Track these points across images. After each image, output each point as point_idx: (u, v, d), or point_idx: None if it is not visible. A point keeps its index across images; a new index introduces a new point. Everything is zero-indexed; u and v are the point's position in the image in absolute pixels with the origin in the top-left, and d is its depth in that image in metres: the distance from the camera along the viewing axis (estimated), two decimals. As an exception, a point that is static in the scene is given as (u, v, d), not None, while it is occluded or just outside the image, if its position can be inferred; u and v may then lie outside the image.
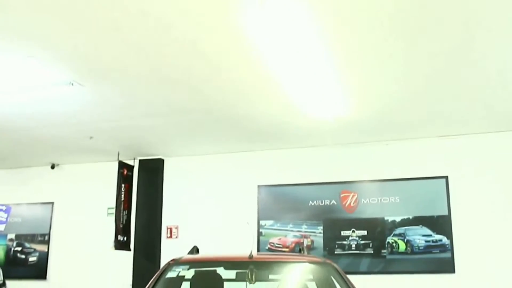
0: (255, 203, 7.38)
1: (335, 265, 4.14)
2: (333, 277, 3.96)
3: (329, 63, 4.57)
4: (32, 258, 8.38)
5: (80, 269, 7.97)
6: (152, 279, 3.82)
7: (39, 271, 8.25)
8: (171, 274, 4.00)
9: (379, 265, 6.86)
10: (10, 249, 8.51)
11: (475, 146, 6.83)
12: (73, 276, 7.98)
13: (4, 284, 6.75)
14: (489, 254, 6.56)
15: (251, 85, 5.10)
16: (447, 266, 6.67)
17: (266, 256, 5.86)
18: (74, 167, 8.42)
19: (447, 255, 6.69)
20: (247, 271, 3.83)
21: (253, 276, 3.79)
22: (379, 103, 5.68)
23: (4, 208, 6.64)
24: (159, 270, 4.01)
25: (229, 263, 4.28)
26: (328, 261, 4.33)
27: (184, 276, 4.22)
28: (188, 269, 4.23)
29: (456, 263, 6.65)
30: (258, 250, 7.05)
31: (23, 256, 8.44)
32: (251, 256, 3.98)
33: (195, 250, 4.64)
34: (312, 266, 4.18)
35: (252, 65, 4.59)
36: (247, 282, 3.96)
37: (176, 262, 4.09)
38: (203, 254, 4.80)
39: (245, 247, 4.15)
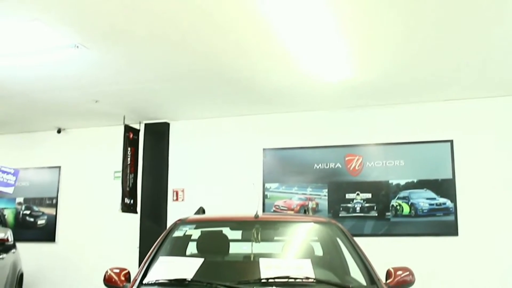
0: (261, 166, 7.43)
1: (340, 225, 4.18)
2: (338, 236, 4.02)
3: (333, 25, 4.54)
4: (41, 221, 8.50)
5: (88, 232, 8.09)
6: (160, 238, 3.88)
7: (48, 233, 8.39)
8: (178, 233, 4.05)
9: (383, 227, 6.94)
10: (19, 212, 8.63)
11: (481, 110, 6.82)
12: (81, 239, 8.11)
13: (14, 246, 6.85)
14: (492, 217, 6.62)
15: (256, 48, 5.09)
16: (450, 228, 6.74)
17: (271, 216, 5.92)
18: (80, 131, 8.47)
19: (451, 218, 6.75)
20: (252, 230, 3.89)
21: (259, 235, 3.85)
22: (383, 65, 5.66)
23: (12, 171, 6.68)
24: (166, 230, 4.07)
25: (234, 223, 4.33)
26: (333, 221, 4.38)
27: (191, 235, 4.29)
28: (194, 228, 4.29)
29: (460, 226, 6.71)
30: (264, 212, 7.12)
31: (32, 219, 8.56)
32: (256, 216, 4.03)
33: (201, 210, 4.70)
34: (317, 226, 4.23)
35: (257, 28, 4.57)
36: (253, 242, 4.03)
37: (182, 222, 4.15)
38: (209, 214, 4.86)
39: (250, 209, 4.20)
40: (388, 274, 3.61)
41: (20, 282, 7.16)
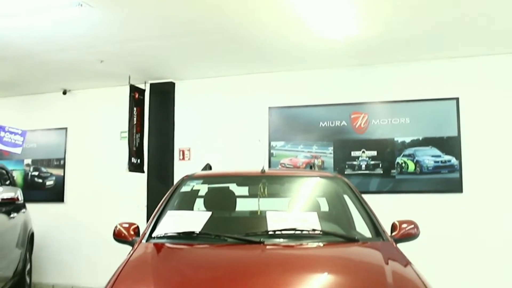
0: (266, 125, 7.44)
1: (345, 179, 4.23)
2: (344, 191, 4.07)
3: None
4: (49, 182, 8.59)
5: (96, 191, 8.18)
6: (167, 193, 3.94)
7: (57, 194, 8.48)
8: (185, 188, 4.12)
9: (388, 184, 6.99)
10: (28, 174, 8.71)
11: (487, 68, 6.77)
12: (90, 198, 8.21)
13: (24, 206, 6.95)
14: (497, 175, 6.65)
15: (263, 5, 5.04)
16: (455, 186, 6.78)
17: (278, 171, 5.97)
18: (86, 92, 8.47)
19: (456, 175, 6.79)
20: (259, 185, 3.94)
21: (265, 190, 3.90)
22: (388, 21, 5.58)
23: (20, 132, 6.73)
24: (174, 185, 4.14)
25: (241, 178, 4.39)
26: (338, 175, 4.43)
27: (198, 190, 4.35)
28: (202, 183, 4.35)
29: (464, 183, 6.75)
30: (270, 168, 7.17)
31: (40, 180, 8.64)
32: (263, 171, 4.08)
33: (208, 167, 4.75)
34: (323, 180, 4.28)
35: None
36: (259, 198, 4.09)
37: (190, 177, 4.21)
38: (216, 170, 4.91)
39: (256, 166, 4.24)
40: (393, 227, 3.67)
41: (31, 241, 7.28)
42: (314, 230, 3.28)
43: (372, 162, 7.04)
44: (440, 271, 5.50)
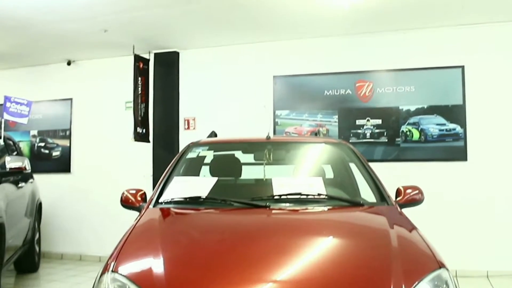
0: (271, 94, 7.44)
1: (350, 145, 4.26)
2: (349, 156, 4.09)
3: None
4: (56, 153, 8.64)
5: (102, 162, 8.24)
6: (173, 160, 3.98)
7: (63, 164, 8.54)
8: (191, 155, 4.15)
9: (393, 153, 7.01)
10: (34, 145, 8.77)
11: (493, 36, 6.72)
12: (96, 168, 8.27)
13: (31, 176, 7.01)
14: (501, 143, 6.66)
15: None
16: (459, 154, 6.80)
17: (282, 137, 6.01)
18: (90, 63, 8.46)
19: (460, 143, 6.80)
20: (264, 151, 3.97)
21: (271, 156, 3.94)
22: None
23: (25, 102, 6.76)
24: (180, 152, 4.17)
25: (247, 144, 4.41)
26: (343, 142, 4.45)
27: (204, 156, 4.38)
28: (207, 150, 4.38)
29: (469, 151, 6.77)
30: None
31: (46, 151, 8.70)
32: (268, 137, 4.11)
33: (213, 134, 4.77)
34: (328, 146, 4.30)
35: None
36: (264, 164, 4.12)
37: (195, 144, 4.24)
38: (221, 137, 4.93)
39: (261, 135, 4.26)
40: (398, 192, 3.70)
41: (39, 211, 7.37)
42: (319, 194, 3.33)
43: (377, 131, 7.06)
44: (443, 237, 5.55)
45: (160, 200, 3.43)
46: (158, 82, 7.83)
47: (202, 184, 3.46)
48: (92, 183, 8.25)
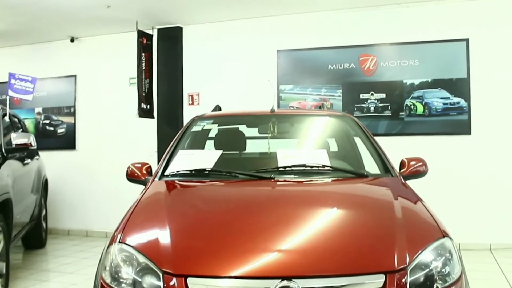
0: (275, 68, 7.42)
1: (354, 118, 4.26)
2: (353, 129, 4.10)
3: None
4: (61, 130, 8.67)
5: (107, 138, 8.27)
6: (178, 133, 4.00)
7: (68, 141, 8.58)
8: (196, 128, 4.17)
9: (397, 127, 7.01)
10: (39, 122, 8.80)
11: (498, 8, 6.67)
12: (101, 145, 8.31)
13: (37, 153, 7.04)
14: (505, 117, 6.66)
15: None
16: (463, 128, 6.80)
17: (287, 110, 6.01)
18: (93, 39, 8.44)
19: (464, 117, 6.79)
20: (269, 124, 3.99)
21: (275, 129, 3.95)
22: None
23: (30, 78, 6.75)
24: (184, 125, 4.19)
25: (251, 117, 4.42)
26: (347, 114, 4.46)
27: (209, 129, 4.40)
28: (212, 123, 4.39)
29: (473, 125, 6.77)
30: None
31: (51, 128, 8.73)
32: (272, 110, 4.12)
33: (217, 108, 4.78)
34: (332, 119, 4.31)
35: None
36: (269, 137, 4.13)
37: (200, 118, 4.26)
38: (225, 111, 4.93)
39: (266, 109, 4.26)
40: (402, 164, 3.72)
41: (46, 188, 7.43)
42: (323, 166, 3.35)
43: (381, 105, 7.05)
44: (447, 210, 5.58)
45: (165, 173, 3.45)
46: (161, 58, 7.81)
47: (207, 156, 3.48)
48: (97, 159, 8.30)
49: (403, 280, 2.25)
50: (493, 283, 5.17)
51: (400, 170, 3.66)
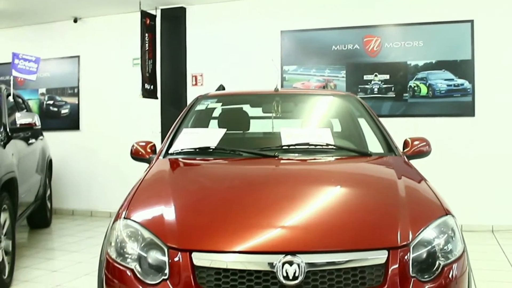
0: (279, 49, 7.40)
1: (358, 97, 4.27)
2: (357, 108, 4.10)
3: None
4: (64, 111, 8.69)
5: (111, 118, 8.29)
6: (182, 112, 4.00)
7: (72, 122, 8.60)
8: (200, 107, 4.18)
9: (400, 108, 7.00)
10: (43, 103, 8.81)
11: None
12: (104, 125, 8.33)
13: (41, 133, 7.06)
14: (509, 98, 6.65)
15: None
16: (467, 109, 6.79)
17: (291, 89, 6.01)
18: (96, 20, 8.41)
19: (468, 99, 6.78)
20: (273, 103, 3.99)
21: (279, 108, 3.95)
22: None
23: (33, 58, 6.75)
24: (188, 105, 4.20)
25: (255, 96, 4.43)
26: (351, 94, 4.46)
27: (213, 108, 4.40)
28: (216, 102, 4.40)
29: (477, 107, 6.76)
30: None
31: (55, 109, 8.74)
32: (276, 89, 4.12)
33: (221, 87, 4.78)
34: (336, 98, 4.31)
35: None
36: (273, 117, 4.15)
37: (204, 97, 4.26)
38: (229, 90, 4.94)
39: (269, 89, 4.26)
40: (405, 144, 3.72)
41: (50, 168, 7.46)
42: (327, 144, 3.36)
43: (385, 86, 7.04)
44: (450, 191, 5.59)
45: (169, 151, 3.47)
46: (165, 38, 7.79)
47: (211, 135, 3.50)
48: (101, 140, 8.32)
49: (406, 257, 2.27)
50: (495, 264, 5.21)
51: (403, 149, 3.66)
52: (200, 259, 2.23)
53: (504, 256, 5.51)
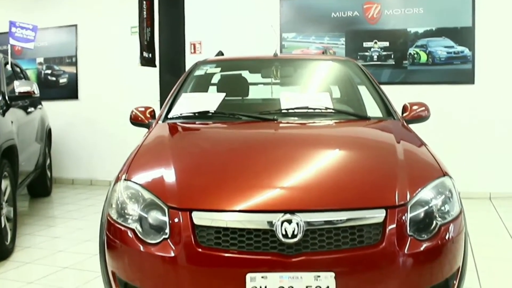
0: (278, 16, 7.34)
1: (357, 62, 4.26)
2: (356, 74, 4.09)
3: None
4: (63, 80, 8.65)
5: (109, 88, 8.25)
6: (181, 78, 4.00)
7: (71, 91, 8.57)
8: (199, 72, 4.17)
9: (400, 75, 6.99)
10: (41, 72, 8.77)
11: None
12: (103, 94, 8.30)
13: (40, 102, 7.05)
14: (509, 66, 6.63)
15: None
16: (467, 77, 6.78)
17: (290, 54, 5.98)
18: (93, -12, 8.35)
19: (468, 66, 6.77)
20: (272, 68, 3.98)
21: (278, 73, 3.95)
22: None
23: (30, 27, 6.70)
24: (187, 70, 4.19)
25: (254, 61, 4.41)
26: (351, 59, 4.45)
27: (212, 73, 4.39)
28: (215, 67, 4.39)
29: (476, 74, 6.75)
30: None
31: (53, 79, 8.71)
32: (275, 54, 4.11)
33: (220, 53, 4.77)
34: (335, 64, 4.30)
35: None
36: (272, 83, 4.14)
37: (203, 62, 4.25)
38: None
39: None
40: (404, 109, 3.73)
41: (49, 137, 7.47)
42: (326, 108, 3.37)
43: (384, 53, 7.01)
44: (448, 158, 5.62)
45: (169, 116, 3.47)
46: (163, 6, 7.66)
47: (210, 99, 3.50)
48: (100, 109, 8.31)
49: (404, 216, 2.30)
50: (492, 230, 5.26)
51: (402, 114, 3.67)
52: (200, 218, 2.26)
53: (501, 222, 5.56)
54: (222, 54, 4.76)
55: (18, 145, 5.14)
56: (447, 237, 2.37)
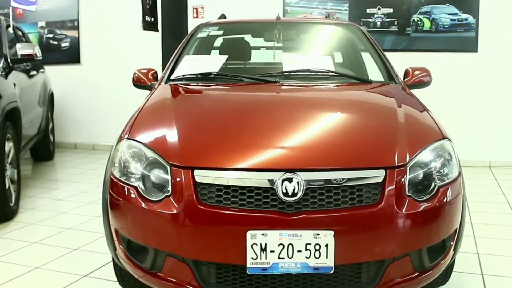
0: (281, -20, 7.30)
1: (360, 27, 4.24)
2: (358, 37, 4.08)
3: None
4: (65, 44, 8.61)
5: (111, 52, 8.21)
6: (184, 40, 4.00)
7: (73, 56, 8.54)
8: (201, 35, 4.16)
9: (403, 42, 6.95)
10: (42, 36, 8.72)
11: None
12: (105, 59, 8.27)
13: (42, 66, 7.03)
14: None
15: None
16: (470, 45, 6.76)
17: (292, 18, 5.94)
18: (95, -50, 8.25)
19: (472, 34, 6.73)
20: (274, 31, 3.97)
21: (281, 36, 3.94)
22: None
23: (32, -11, 6.67)
24: (189, 32, 4.18)
25: (256, 24, 4.40)
26: (354, 23, 4.43)
27: (214, 36, 4.38)
28: (217, 30, 4.37)
29: (480, 42, 6.72)
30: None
31: (55, 43, 8.66)
32: (278, 18, 4.09)
33: (223, 17, 4.74)
34: (338, 28, 4.29)
35: None
36: (274, 46, 4.13)
37: (205, 25, 4.24)
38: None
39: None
40: (406, 73, 3.72)
41: (52, 101, 7.48)
42: (328, 71, 3.37)
43: (387, 20, 6.96)
44: (449, 126, 5.65)
45: (171, 77, 3.48)
46: (165, -31, 7.61)
47: (213, 61, 3.51)
48: (102, 74, 8.29)
49: (403, 177, 2.32)
50: (491, 199, 5.30)
51: (404, 79, 3.67)
52: (202, 176, 2.29)
53: (500, 191, 5.61)
54: (225, 18, 4.73)
55: (21, 108, 5.15)
56: (445, 199, 2.40)
